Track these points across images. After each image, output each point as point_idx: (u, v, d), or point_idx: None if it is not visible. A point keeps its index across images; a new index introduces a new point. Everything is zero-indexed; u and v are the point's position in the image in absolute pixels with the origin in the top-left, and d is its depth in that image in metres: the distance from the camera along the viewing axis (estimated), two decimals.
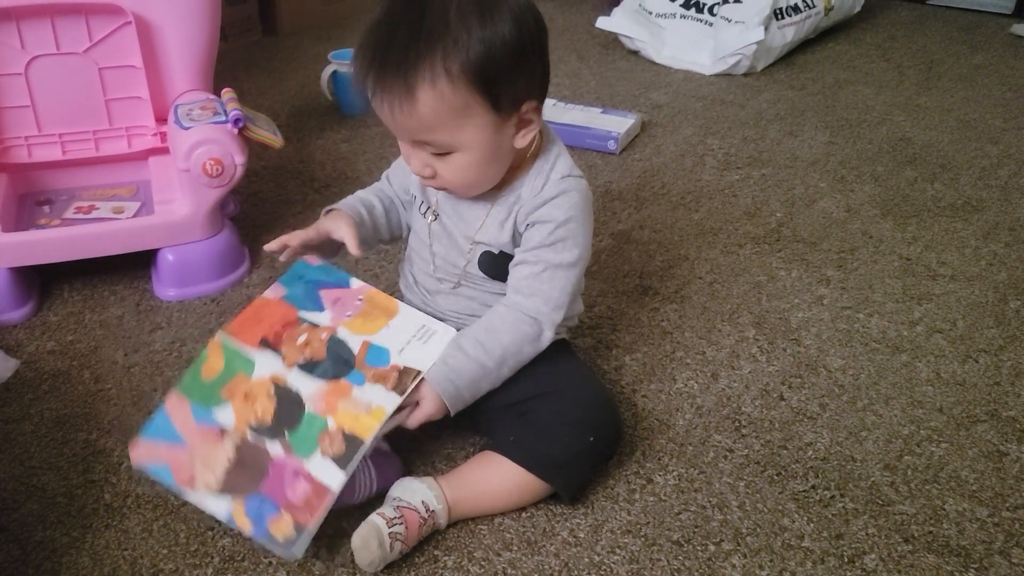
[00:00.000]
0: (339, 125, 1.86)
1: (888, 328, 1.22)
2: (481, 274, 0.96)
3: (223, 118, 1.22)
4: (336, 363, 0.86)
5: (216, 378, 0.86)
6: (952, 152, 1.77)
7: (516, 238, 0.93)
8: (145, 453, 0.82)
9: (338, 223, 0.96)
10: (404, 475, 0.92)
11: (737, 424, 1.04)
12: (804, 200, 1.57)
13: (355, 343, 0.87)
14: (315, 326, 0.89)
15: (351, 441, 0.80)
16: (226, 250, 1.28)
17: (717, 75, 2.19)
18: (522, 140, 0.87)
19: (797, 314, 1.25)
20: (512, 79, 0.81)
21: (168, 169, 1.30)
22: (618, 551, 0.87)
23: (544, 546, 0.87)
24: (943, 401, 1.08)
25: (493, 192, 0.92)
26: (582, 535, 0.89)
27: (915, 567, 0.86)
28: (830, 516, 0.92)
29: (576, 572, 0.85)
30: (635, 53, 2.33)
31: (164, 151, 1.32)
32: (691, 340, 1.19)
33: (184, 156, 1.19)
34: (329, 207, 1.01)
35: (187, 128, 1.20)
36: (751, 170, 1.68)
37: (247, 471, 0.80)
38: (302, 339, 0.88)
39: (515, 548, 0.87)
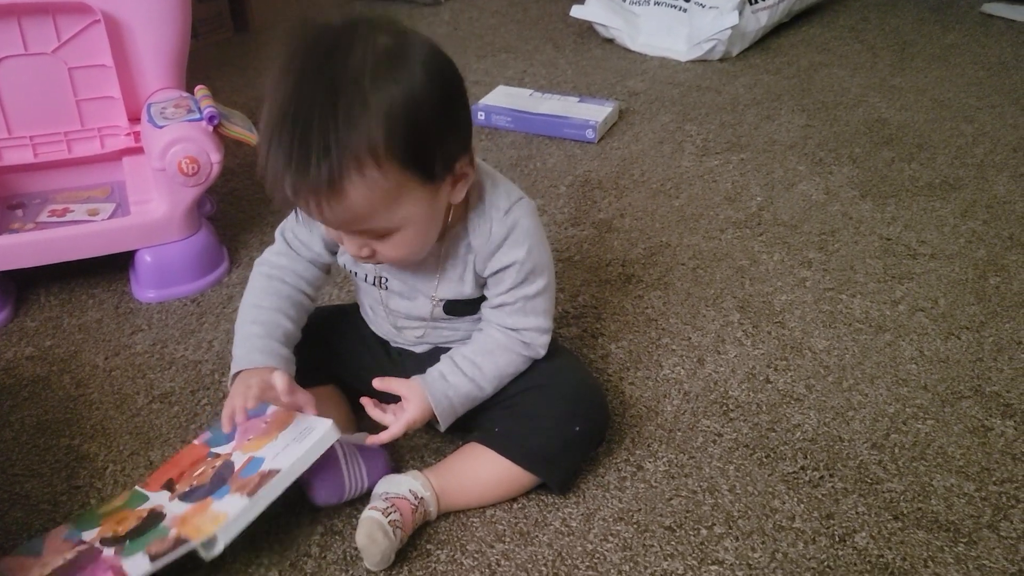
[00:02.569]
0: None
1: (871, 308, 1.23)
2: (447, 317, 0.93)
3: (198, 116, 1.20)
4: (213, 484, 0.84)
5: (107, 511, 0.87)
6: (928, 132, 1.78)
7: (479, 281, 0.90)
8: (7, 567, 0.83)
9: (266, 381, 0.85)
10: (392, 472, 0.91)
11: (725, 408, 1.04)
12: (783, 183, 1.58)
13: (240, 461, 0.86)
14: (217, 456, 0.89)
15: (177, 542, 0.78)
16: (204, 250, 1.27)
17: (693, 61, 2.19)
18: (458, 195, 0.81)
19: (780, 297, 1.25)
20: (441, 142, 0.75)
21: (143, 169, 1.28)
22: (611, 539, 0.87)
23: (537, 536, 0.87)
24: (927, 379, 1.09)
25: (436, 247, 0.87)
26: (574, 524, 0.89)
27: (905, 543, 0.86)
28: (820, 496, 0.92)
29: (569, 561, 0.85)
30: (610, 41, 2.33)
31: (138, 151, 1.31)
32: (676, 326, 1.19)
33: (159, 155, 1.17)
34: (238, 370, 0.89)
35: (161, 127, 1.18)
36: (730, 155, 1.69)
37: (70, 569, 0.80)
38: (199, 471, 0.88)
39: (508, 539, 0.87)
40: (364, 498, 0.88)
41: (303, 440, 0.83)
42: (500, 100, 1.85)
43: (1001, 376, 1.09)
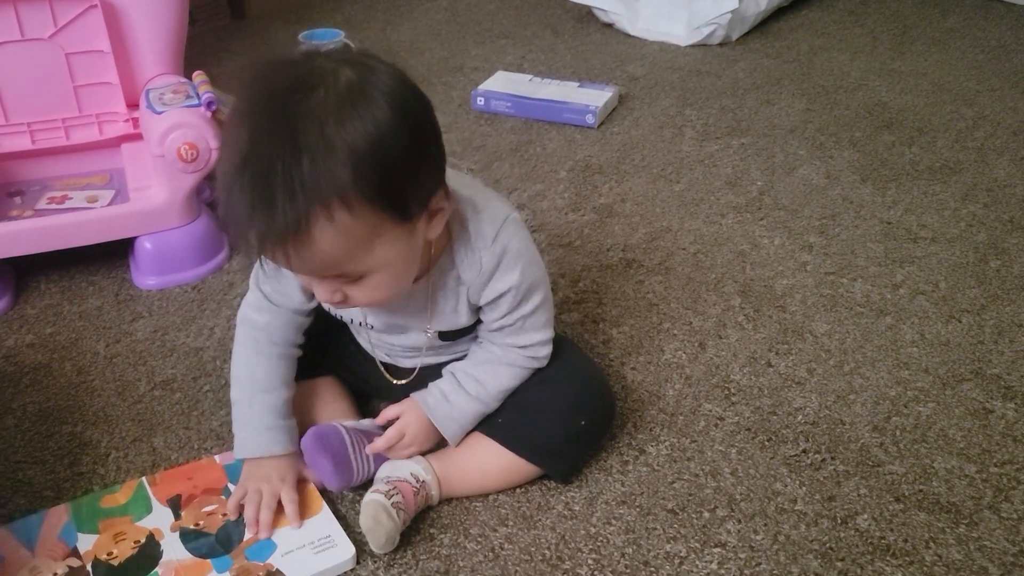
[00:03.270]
0: None
1: (872, 292, 1.23)
2: (444, 344, 0.92)
3: (196, 101, 1.20)
4: (217, 542, 0.84)
5: (109, 509, 0.87)
6: (928, 116, 1.78)
7: (473, 310, 0.87)
8: None
9: (279, 473, 0.87)
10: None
11: (727, 392, 1.04)
12: (784, 168, 1.57)
13: (252, 530, 0.85)
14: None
15: None
16: (204, 236, 1.26)
17: (692, 46, 2.18)
18: (435, 230, 0.76)
19: (782, 281, 1.25)
20: (414, 178, 0.71)
21: (142, 156, 1.28)
22: (614, 522, 0.87)
23: (540, 520, 0.87)
24: (928, 362, 1.09)
25: (423, 283, 0.84)
26: (577, 508, 0.89)
27: (907, 525, 0.87)
28: (822, 479, 0.92)
29: (573, 544, 0.85)
30: (610, 26, 2.32)
31: (137, 137, 1.30)
32: (677, 311, 1.19)
33: (158, 141, 1.17)
34: (247, 456, 0.89)
35: (160, 112, 1.18)
36: (730, 140, 1.68)
37: None
38: (208, 508, 0.87)
39: (511, 523, 0.87)
40: (367, 483, 0.88)
41: (321, 554, 0.82)
42: (500, 86, 1.84)
43: (1002, 359, 1.10)
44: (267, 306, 0.90)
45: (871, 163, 1.59)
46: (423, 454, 0.90)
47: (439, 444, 0.91)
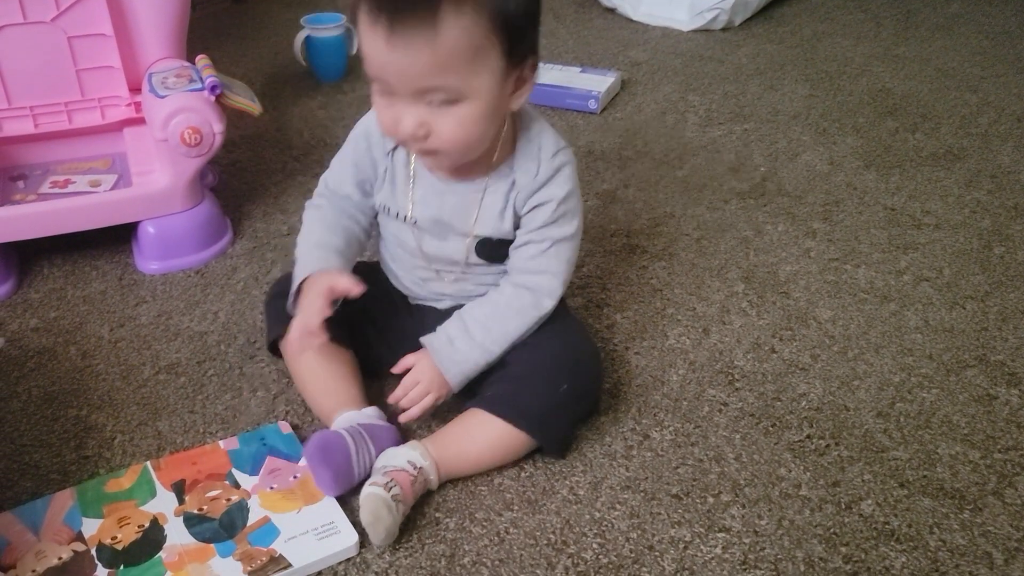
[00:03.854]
0: (314, 91, 1.83)
1: (876, 278, 1.23)
2: (480, 261, 0.95)
3: (199, 85, 1.19)
4: (221, 527, 0.84)
5: (113, 494, 0.87)
6: (932, 102, 1.78)
7: (516, 220, 0.92)
8: (3, 524, 0.84)
9: (330, 281, 0.89)
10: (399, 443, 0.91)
11: (730, 378, 1.04)
12: (787, 154, 1.57)
13: (255, 515, 0.85)
14: (235, 487, 0.88)
15: None
16: (208, 221, 1.26)
17: (695, 31, 2.17)
18: (517, 101, 0.84)
19: (785, 267, 1.25)
20: (528, 26, 0.79)
21: (144, 140, 1.27)
22: (618, 507, 0.88)
23: (545, 504, 0.88)
24: (932, 348, 1.09)
25: (480, 178, 0.90)
26: (582, 492, 0.89)
27: (911, 510, 0.87)
28: (826, 464, 0.92)
29: (577, 529, 0.85)
30: (612, 11, 2.31)
31: (139, 121, 1.29)
32: (681, 296, 1.19)
33: (161, 125, 1.16)
34: (304, 277, 0.92)
35: (163, 97, 1.17)
36: (733, 125, 1.68)
37: (61, 574, 0.80)
38: (212, 493, 0.88)
39: (516, 508, 0.87)
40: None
41: (324, 540, 0.82)
42: None
43: (1006, 345, 1.10)
44: (328, 192, 0.99)
45: (875, 149, 1.58)
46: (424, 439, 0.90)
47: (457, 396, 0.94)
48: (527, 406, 0.89)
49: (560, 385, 0.90)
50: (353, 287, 0.87)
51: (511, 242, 0.93)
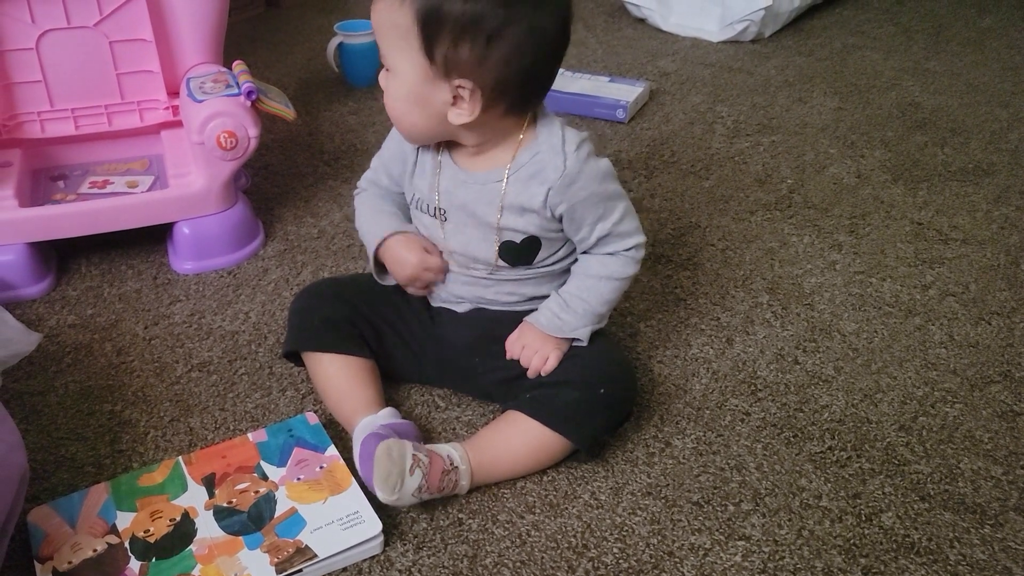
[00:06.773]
0: (346, 97, 1.86)
1: (901, 292, 1.23)
2: (506, 266, 0.95)
3: (236, 91, 1.22)
4: (249, 519, 0.86)
5: (146, 488, 0.89)
6: (962, 116, 1.77)
7: (545, 218, 0.91)
8: (40, 516, 0.86)
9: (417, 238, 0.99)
10: (420, 441, 0.93)
11: (753, 388, 1.05)
12: (814, 166, 1.57)
13: (283, 506, 0.87)
14: (263, 479, 0.90)
15: None
16: (241, 223, 1.29)
17: (725, 42, 2.18)
18: (455, 117, 0.85)
19: (810, 279, 1.26)
20: (455, 42, 0.80)
21: (181, 143, 1.30)
22: (639, 512, 0.89)
23: (566, 508, 0.89)
24: (956, 363, 1.09)
25: (497, 169, 0.91)
26: (603, 497, 0.90)
27: (931, 524, 0.87)
28: (847, 476, 0.93)
29: (598, 533, 0.86)
30: (642, 21, 2.32)
31: (176, 124, 1.33)
32: (705, 306, 1.20)
33: (198, 129, 1.19)
34: (390, 233, 0.99)
35: (200, 101, 1.20)
36: (761, 137, 1.68)
37: (97, 571, 0.81)
38: (241, 486, 0.89)
39: (538, 511, 0.89)
40: None
41: (349, 530, 0.84)
42: None
43: None
44: (368, 185, 1.05)
45: (903, 163, 1.58)
46: None
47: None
48: (563, 407, 0.90)
49: (597, 389, 0.92)
50: (433, 246, 0.97)
51: (536, 247, 0.94)
